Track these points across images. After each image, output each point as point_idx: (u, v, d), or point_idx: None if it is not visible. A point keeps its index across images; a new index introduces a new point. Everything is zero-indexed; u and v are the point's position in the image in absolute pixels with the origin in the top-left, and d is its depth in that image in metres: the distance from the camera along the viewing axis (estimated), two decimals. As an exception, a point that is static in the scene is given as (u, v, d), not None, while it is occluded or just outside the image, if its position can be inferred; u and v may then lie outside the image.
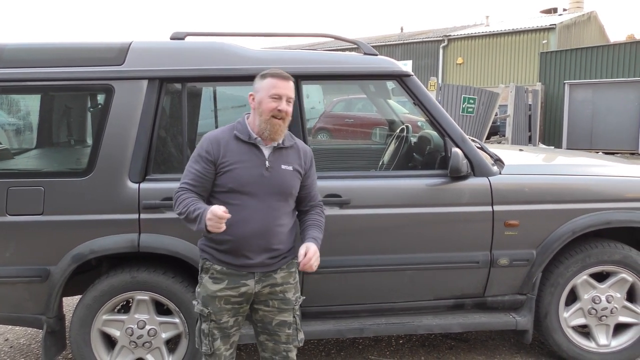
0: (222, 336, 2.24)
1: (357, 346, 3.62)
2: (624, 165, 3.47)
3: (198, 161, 2.20)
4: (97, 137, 2.82)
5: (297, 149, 2.32)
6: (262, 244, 2.19)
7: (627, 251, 3.13)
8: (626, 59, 15.90)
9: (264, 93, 2.18)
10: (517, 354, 3.46)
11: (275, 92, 2.16)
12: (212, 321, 2.22)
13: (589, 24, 23.34)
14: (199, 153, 2.21)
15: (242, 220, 2.16)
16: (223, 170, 2.18)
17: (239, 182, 2.17)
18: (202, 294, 2.24)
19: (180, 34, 3.03)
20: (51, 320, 2.84)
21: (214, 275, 2.21)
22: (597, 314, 3.17)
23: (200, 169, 2.19)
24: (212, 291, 2.21)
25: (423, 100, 3.00)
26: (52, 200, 2.77)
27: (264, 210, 2.19)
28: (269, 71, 2.23)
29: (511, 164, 3.20)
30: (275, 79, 2.18)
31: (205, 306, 2.22)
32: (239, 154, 2.19)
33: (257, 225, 2.18)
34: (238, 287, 2.20)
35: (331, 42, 26.05)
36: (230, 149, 2.19)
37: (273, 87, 2.17)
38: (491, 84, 20.67)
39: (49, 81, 2.82)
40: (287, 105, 2.18)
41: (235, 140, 2.21)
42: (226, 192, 2.18)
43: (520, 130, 14.02)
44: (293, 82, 2.23)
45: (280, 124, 2.18)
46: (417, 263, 2.98)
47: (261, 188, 2.19)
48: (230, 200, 2.18)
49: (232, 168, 2.17)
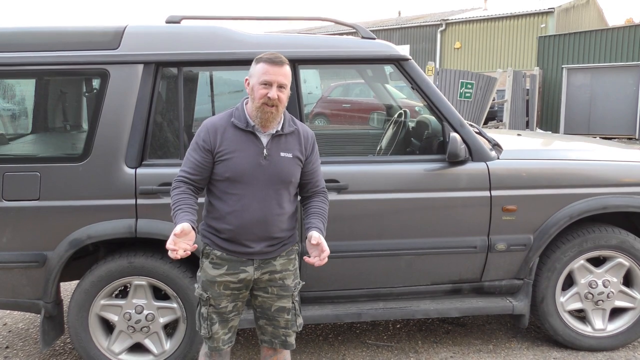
0: (221, 320, 2.25)
1: (355, 331, 3.64)
2: (621, 150, 3.47)
3: (196, 149, 2.16)
4: (93, 122, 2.80)
5: (297, 134, 2.23)
6: (261, 233, 2.17)
7: (624, 236, 3.14)
8: (624, 43, 15.84)
9: (256, 79, 2.11)
10: (514, 338, 3.48)
11: (265, 79, 2.08)
12: (210, 305, 2.22)
13: (588, 8, 23.19)
14: (196, 141, 2.17)
15: (240, 210, 2.14)
16: (220, 159, 2.14)
17: (235, 171, 2.13)
18: (202, 278, 2.24)
19: (176, 18, 3.00)
20: (49, 305, 2.84)
21: (214, 261, 2.21)
22: (593, 298, 3.19)
23: (199, 158, 2.16)
24: (211, 276, 2.21)
25: (421, 84, 2.98)
26: (48, 186, 2.76)
27: (262, 199, 2.16)
28: (263, 55, 2.14)
29: (509, 149, 3.20)
30: (267, 65, 2.09)
31: (205, 290, 2.22)
32: (235, 143, 2.14)
33: (255, 214, 2.15)
34: (237, 274, 2.20)
35: (329, 26, 25.86)
36: (227, 137, 2.15)
37: (264, 73, 2.09)
38: (489, 68, 20.59)
39: (43, 65, 2.79)
40: (278, 92, 2.09)
41: (233, 128, 2.16)
42: (224, 181, 2.16)
43: (518, 115, 14.00)
44: (288, 66, 2.13)
45: (272, 112, 2.10)
46: (415, 248, 2.99)
47: (259, 177, 2.15)
48: (228, 189, 2.16)
49: (229, 157, 2.13)
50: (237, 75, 3.93)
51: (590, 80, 16.60)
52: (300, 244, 2.87)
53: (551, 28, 20.24)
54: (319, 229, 2.18)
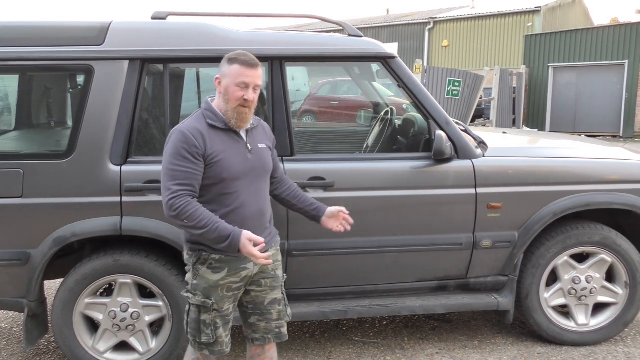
0: (224, 324, 2.24)
1: (341, 328, 3.65)
2: (605, 148, 3.51)
3: (187, 157, 2.08)
4: (78, 119, 2.78)
5: (261, 126, 2.36)
6: (259, 225, 2.23)
7: (607, 232, 3.18)
8: (609, 42, 16.00)
9: (231, 80, 2.11)
10: (499, 334, 3.52)
11: (242, 81, 2.10)
12: (214, 310, 2.20)
13: (574, 7, 23.37)
14: (184, 148, 2.08)
15: (241, 206, 2.17)
16: (212, 162, 2.12)
17: (230, 170, 2.14)
18: (201, 285, 2.19)
19: (162, 14, 2.97)
20: (32, 303, 2.81)
21: (213, 265, 2.18)
22: (576, 294, 3.22)
23: (193, 166, 2.09)
24: (213, 281, 2.18)
25: (407, 82, 2.99)
26: (31, 183, 2.73)
27: (255, 192, 2.23)
28: (237, 56, 2.14)
29: (494, 147, 3.22)
30: (243, 67, 2.10)
31: (208, 297, 2.18)
32: (221, 143, 2.15)
33: (253, 208, 2.21)
34: (239, 272, 2.20)
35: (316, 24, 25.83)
36: (212, 139, 2.14)
37: (240, 75, 2.10)
38: (476, 66, 20.68)
39: (26, 61, 2.76)
40: (253, 94, 2.14)
41: (212, 129, 2.15)
42: (219, 183, 2.14)
43: (505, 113, 14.10)
44: (262, 67, 2.18)
45: (247, 112, 2.16)
46: (401, 245, 3.00)
47: (249, 171, 2.20)
48: (224, 190, 2.15)
49: (220, 158, 2.13)
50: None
51: (575, 78, 16.75)
52: (287, 241, 2.88)
53: (538, 27, 20.38)
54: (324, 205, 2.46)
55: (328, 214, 2.45)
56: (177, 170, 2.08)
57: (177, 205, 2.05)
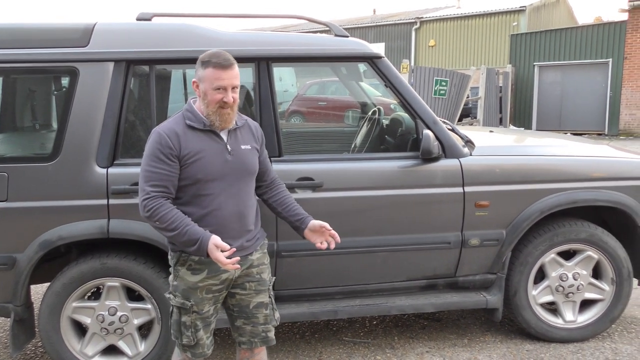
0: (204, 325, 2.23)
1: (332, 328, 3.65)
2: (590, 146, 3.55)
3: (161, 159, 2.07)
4: (63, 121, 2.75)
5: (248, 126, 2.31)
6: (239, 228, 2.20)
7: (593, 229, 3.21)
8: (594, 41, 16.17)
9: (208, 84, 2.08)
10: (488, 332, 3.54)
11: (219, 84, 2.07)
12: (194, 312, 2.18)
13: (558, 6, 23.59)
14: (159, 150, 2.07)
15: (218, 208, 2.14)
16: (188, 162, 2.10)
17: (205, 171, 2.12)
18: (181, 286, 2.19)
19: (147, 15, 2.95)
20: (19, 308, 2.78)
21: (193, 267, 2.17)
22: (564, 291, 3.25)
23: (168, 167, 2.08)
24: (192, 283, 2.17)
25: (394, 82, 3.00)
26: (16, 187, 2.70)
27: (234, 194, 2.18)
28: (209, 57, 2.09)
29: (481, 146, 3.24)
30: (218, 70, 2.06)
31: (187, 299, 2.18)
32: (199, 144, 2.12)
33: (231, 210, 2.17)
34: (219, 275, 2.18)
35: (303, 24, 25.82)
36: (189, 139, 2.11)
37: (216, 78, 2.07)
38: (463, 66, 20.80)
39: (9, 63, 2.72)
40: (233, 94, 2.10)
41: (191, 130, 2.13)
42: (194, 184, 2.13)
43: (492, 112, 14.19)
44: (236, 64, 2.12)
45: (229, 113, 2.12)
46: (390, 245, 3.01)
47: (228, 173, 2.16)
48: (200, 191, 2.13)
49: (197, 159, 2.11)
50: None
51: (561, 77, 16.91)
52: (276, 242, 2.87)
53: (523, 26, 20.56)
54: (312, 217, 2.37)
55: (311, 227, 2.35)
56: (152, 171, 2.09)
57: (150, 207, 2.07)
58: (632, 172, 3.24)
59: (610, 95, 15.93)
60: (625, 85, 15.62)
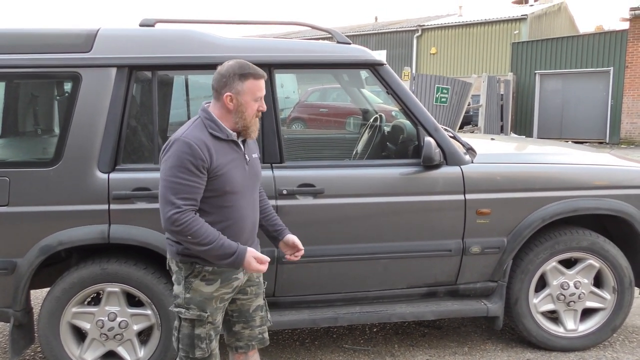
0: (216, 335, 2.22)
1: (332, 335, 3.64)
2: (592, 154, 3.55)
3: (192, 171, 1.98)
4: (65, 126, 2.75)
5: None
6: (252, 237, 2.24)
7: (594, 238, 3.20)
8: (595, 49, 16.20)
9: (249, 96, 2.06)
10: (489, 340, 3.52)
11: (260, 95, 2.10)
12: (209, 323, 2.16)
13: (559, 15, 23.66)
14: (190, 161, 1.98)
15: (239, 219, 2.14)
16: (217, 175, 2.05)
17: (232, 184, 2.08)
18: (196, 298, 2.13)
19: (150, 21, 2.97)
20: (18, 313, 2.77)
21: (207, 277, 2.13)
22: (565, 299, 3.24)
23: (198, 180, 2.00)
24: (208, 293, 2.14)
25: (396, 89, 3.00)
26: (18, 191, 2.70)
27: (250, 204, 2.20)
28: (245, 70, 2.07)
29: (483, 153, 3.24)
30: (257, 81, 2.08)
31: (204, 310, 2.13)
32: (226, 155, 2.09)
33: (250, 220, 2.20)
34: (231, 283, 2.18)
35: (305, 31, 25.91)
36: (217, 150, 2.06)
37: (258, 89, 2.08)
38: (464, 73, 20.83)
39: (13, 68, 2.74)
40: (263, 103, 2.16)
41: (216, 140, 2.07)
42: (220, 196, 2.08)
43: (493, 120, 14.20)
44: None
45: (257, 122, 2.16)
46: (391, 252, 3.00)
47: (247, 183, 2.16)
48: (224, 203, 2.10)
49: (225, 171, 2.06)
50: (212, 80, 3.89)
51: (562, 85, 16.93)
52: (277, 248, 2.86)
53: (524, 34, 20.60)
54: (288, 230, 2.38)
55: (286, 241, 2.33)
56: (182, 183, 1.98)
57: (182, 221, 1.97)
58: (634, 180, 3.23)
59: (611, 104, 15.95)
60: (626, 94, 15.63)
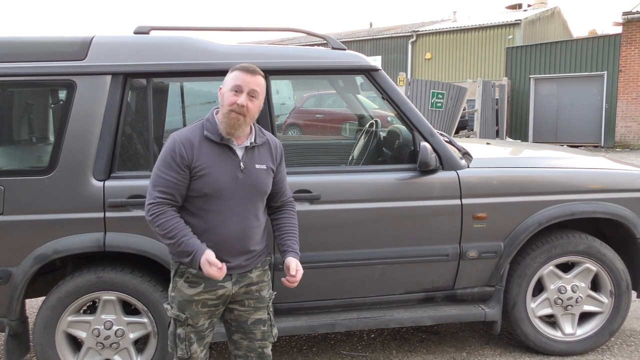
0: (198, 339, 2.20)
1: (329, 341, 3.62)
2: (587, 158, 3.55)
3: (172, 167, 2.05)
4: (59, 135, 2.74)
5: (268, 145, 2.23)
6: (240, 247, 2.15)
7: (591, 241, 3.20)
8: (589, 53, 16.31)
9: (227, 86, 2.08)
10: (487, 345, 3.51)
11: (236, 84, 2.05)
12: (188, 325, 2.16)
13: (553, 20, 23.81)
14: (171, 157, 2.05)
15: (219, 225, 2.10)
16: (197, 175, 2.06)
17: (213, 187, 2.07)
18: (177, 298, 2.16)
19: (145, 28, 2.96)
20: (13, 322, 2.75)
21: (190, 279, 2.14)
22: (562, 303, 3.24)
23: (176, 175, 2.04)
24: (188, 295, 2.14)
25: (391, 94, 3.01)
26: (12, 200, 2.68)
27: (240, 213, 2.13)
28: (238, 65, 2.12)
29: (479, 158, 3.24)
30: (241, 72, 2.06)
31: (182, 311, 2.15)
32: (212, 157, 2.08)
33: (234, 229, 2.12)
34: (215, 290, 2.15)
35: (301, 37, 25.98)
36: (203, 151, 2.08)
37: (236, 79, 2.06)
38: (459, 78, 20.93)
39: (7, 76, 2.73)
40: (247, 99, 2.04)
41: (207, 141, 2.09)
42: (200, 197, 2.09)
43: (488, 125, 14.24)
44: (263, 77, 2.12)
45: (238, 119, 2.04)
46: (388, 257, 3.00)
47: (236, 191, 2.11)
48: (205, 205, 2.10)
49: (207, 172, 2.06)
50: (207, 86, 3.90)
51: (556, 89, 17.03)
52: (274, 255, 2.85)
53: (518, 39, 20.71)
54: (296, 253, 2.24)
55: (285, 263, 2.21)
56: (161, 177, 2.07)
57: (153, 212, 2.06)
58: (630, 184, 3.24)
59: (605, 108, 16.04)
60: (620, 98, 15.73)
